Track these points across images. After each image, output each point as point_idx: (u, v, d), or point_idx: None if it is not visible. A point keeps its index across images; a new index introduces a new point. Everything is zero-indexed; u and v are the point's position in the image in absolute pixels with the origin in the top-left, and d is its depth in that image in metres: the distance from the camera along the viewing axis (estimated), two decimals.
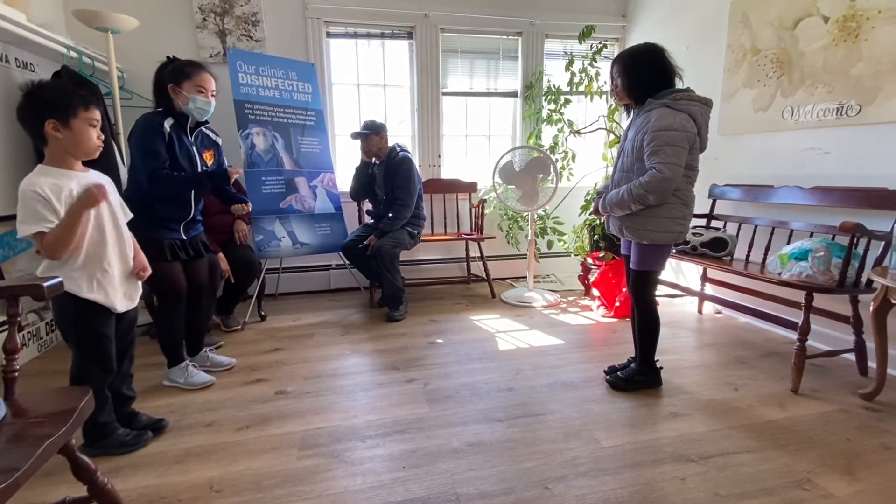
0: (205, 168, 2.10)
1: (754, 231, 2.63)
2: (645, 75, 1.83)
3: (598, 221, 3.50)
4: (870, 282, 2.01)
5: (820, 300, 2.09)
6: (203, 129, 2.16)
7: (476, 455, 1.59)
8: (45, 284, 1.14)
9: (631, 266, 1.99)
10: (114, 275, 1.51)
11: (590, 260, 3.36)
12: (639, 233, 1.88)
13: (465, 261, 3.83)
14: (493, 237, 3.59)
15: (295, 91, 3.19)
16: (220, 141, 2.25)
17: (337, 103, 3.68)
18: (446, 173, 3.85)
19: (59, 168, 1.42)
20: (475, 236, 3.49)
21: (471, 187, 3.74)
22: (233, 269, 2.69)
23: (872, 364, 2.01)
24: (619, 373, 2.08)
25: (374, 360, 2.40)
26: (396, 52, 3.71)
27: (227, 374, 2.24)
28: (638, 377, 2.04)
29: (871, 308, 1.83)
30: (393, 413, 1.86)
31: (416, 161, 3.26)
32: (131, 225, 1.68)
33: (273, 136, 3.08)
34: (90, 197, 1.42)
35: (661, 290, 3.19)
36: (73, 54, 2.61)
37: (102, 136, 1.49)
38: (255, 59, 3.07)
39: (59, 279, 1.19)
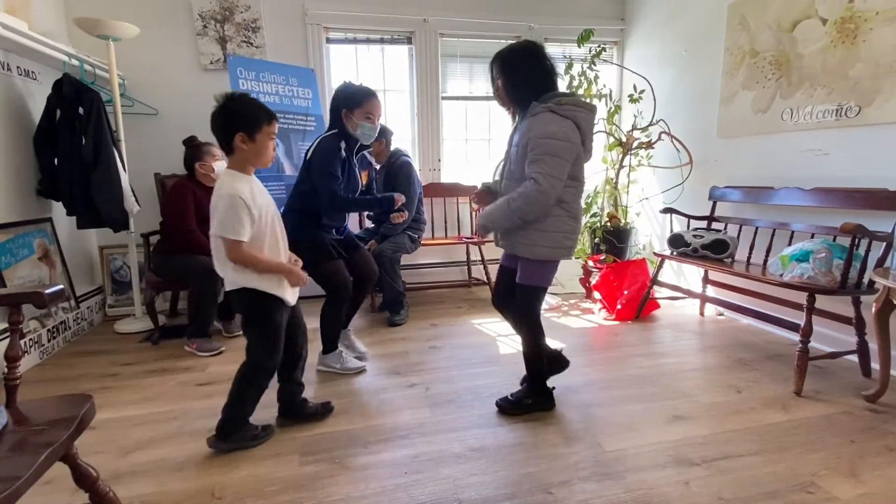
0: (361, 188, 2.29)
1: (755, 233, 2.63)
2: (524, 75, 1.75)
3: (598, 224, 3.50)
4: (871, 283, 2.00)
5: (822, 301, 2.09)
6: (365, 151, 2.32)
7: (478, 460, 1.58)
8: (46, 292, 1.14)
9: (518, 281, 1.84)
10: None
11: (591, 263, 3.36)
12: (530, 248, 1.75)
13: (465, 264, 3.83)
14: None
15: (295, 97, 3.20)
16: (373, 161, 2.43)
17: None
18: (446, 177, 3.86)
19: (244, 174, 1.58)
20: (476, 240, 3.49)
21: (471, 191, 3.74)
22: None
23: (876, 365, 2.01)
24: (509, 395, 1.94)
25: (376, 364, 2.39)
26: (396, 57, 3.72)
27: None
28: (526, 400, 1.90)
29: (874, 309, 1.83)
30: (394, 418, 1.86)
31: (416, 165, 3.26)
32: (297, 231, 1.94)
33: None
34: (299, 280, 1.66)
35: (662, 292, 3.21)
36: (75, 62, 2.62)
37: (276, 148, 1.64)
38: (255, 65, 3.08)
39: (61, 287, 1.21)
